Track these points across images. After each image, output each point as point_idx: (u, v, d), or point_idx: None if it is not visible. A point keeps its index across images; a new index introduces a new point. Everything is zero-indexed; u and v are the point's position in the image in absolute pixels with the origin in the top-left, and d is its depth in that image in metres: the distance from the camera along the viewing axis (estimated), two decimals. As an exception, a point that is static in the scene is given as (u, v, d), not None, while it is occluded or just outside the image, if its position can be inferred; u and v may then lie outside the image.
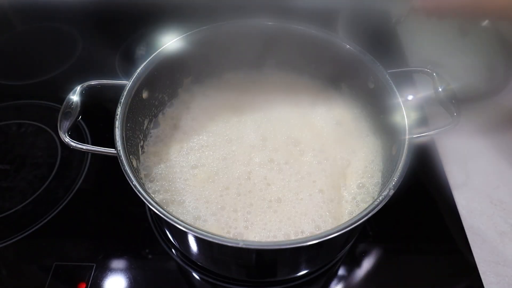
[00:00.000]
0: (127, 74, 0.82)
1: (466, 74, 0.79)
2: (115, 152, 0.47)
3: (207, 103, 0.67)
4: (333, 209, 0.55)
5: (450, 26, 0.75)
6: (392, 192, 0.43)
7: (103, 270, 0.55)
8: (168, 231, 0.56)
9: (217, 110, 0.66)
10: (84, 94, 0.52)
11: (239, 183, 0.57)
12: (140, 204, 0.62)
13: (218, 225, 0.52)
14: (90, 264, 0.55)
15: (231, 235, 0.51)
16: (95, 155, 0.68)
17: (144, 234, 0.59)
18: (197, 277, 0.55)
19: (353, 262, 0.56)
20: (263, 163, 0.60)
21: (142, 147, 0.58)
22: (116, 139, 0.48)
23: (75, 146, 0.48)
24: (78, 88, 0.52)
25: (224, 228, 0.52)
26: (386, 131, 0.55)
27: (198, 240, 0.46)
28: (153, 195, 0.54)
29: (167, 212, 0.42)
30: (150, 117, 0.59)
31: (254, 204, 0.55)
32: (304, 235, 0.52)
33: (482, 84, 0.76)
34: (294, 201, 0.55)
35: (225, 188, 0.56)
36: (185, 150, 0.60)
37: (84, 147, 0.48)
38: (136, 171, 0.49)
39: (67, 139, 0.48)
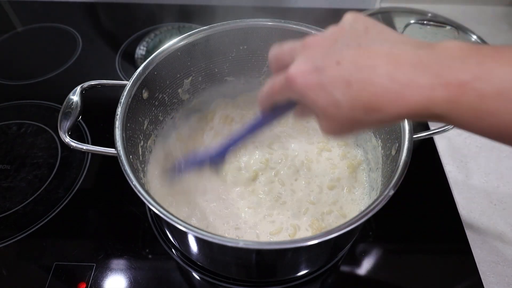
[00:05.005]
0: (127, 74, 0.82)
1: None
2: (115, 152, 0.46)
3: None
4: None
5: (450, 32, 0.79)
6: (392, 192, 0.43)
7: (103, 270, 0.55)
8: (168, 231, 0.56)
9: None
10: (84, 94, 0.52)
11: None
12: (140, 204, 0.62)
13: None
14: (90, 264, 0.55)
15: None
16: (95, 155, 0.68)
17: (144, 234, 0.59)
18: (197, 277, 0.55)
19: (353, 262, 0.56)
20: (265, 164, 0.60)
21: (142, 147, 0.58)
22: (116, 139, 0.48)
23: (75, 146, 0.48)
24: (78, 88, 0.52)
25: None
26: (386, 131, 0.55)
27: (198, 240, 0.46)
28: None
29: (167, 212, 0.42)
30: (150, 117, 0.59)
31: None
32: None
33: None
34: (297, 201, 0.56)
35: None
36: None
37: (84, 147, 0.48)
38: (136, 171, 0.49)
39: (67, 139, 0.48)
